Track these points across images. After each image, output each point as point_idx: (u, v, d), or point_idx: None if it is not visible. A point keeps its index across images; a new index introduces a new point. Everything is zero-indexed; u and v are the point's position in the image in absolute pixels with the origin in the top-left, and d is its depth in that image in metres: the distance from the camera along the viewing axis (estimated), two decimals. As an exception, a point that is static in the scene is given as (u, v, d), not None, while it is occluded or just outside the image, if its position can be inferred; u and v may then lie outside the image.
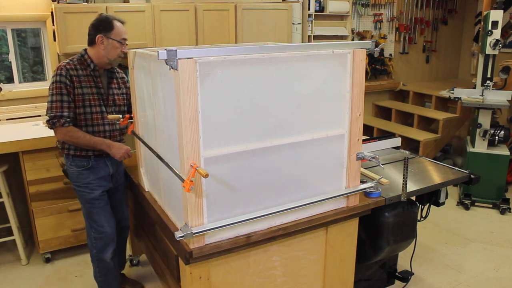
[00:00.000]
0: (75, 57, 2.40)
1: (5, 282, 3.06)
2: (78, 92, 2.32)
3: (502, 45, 3.90)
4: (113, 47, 2.36)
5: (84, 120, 2.37)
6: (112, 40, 2.35)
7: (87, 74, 2.37)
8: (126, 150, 2.42)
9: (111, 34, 2.34)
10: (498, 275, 3.11)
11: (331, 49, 1.94)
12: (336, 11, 5.00)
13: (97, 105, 2.40)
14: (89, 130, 2.39)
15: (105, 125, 2.45)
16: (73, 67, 2.33)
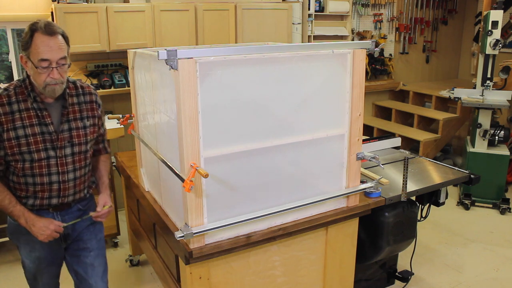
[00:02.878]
0: (15, 83, 1.81)
1: (5, 282, 3.06)
2: (8, 136, 1.74)
3: (502, 45, 3.90)
4: (34, 72, 1.72)
5: (22, 170, 1.80)
6: (30, 62, 1.71)
7: (27, 107, 1.77)
8: (53, 230, 1.84)
9: (29, 53, 1.70)
10: (498, 275, 3.11)
11: (331, 49, 1.94)
12: (336, 11, 5.00)
13: (41, 149, 1.79)
14: (29, 183, 1.83)
15: (52, 175, 1.84)
16: (4, 100, 1.75)
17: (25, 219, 1.82)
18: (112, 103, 3.89)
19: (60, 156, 1.83)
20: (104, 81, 3.65)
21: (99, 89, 3.65)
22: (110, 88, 3.67)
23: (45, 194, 1.86)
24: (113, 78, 3.70)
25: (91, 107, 1.95)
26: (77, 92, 1.91)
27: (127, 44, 3.48)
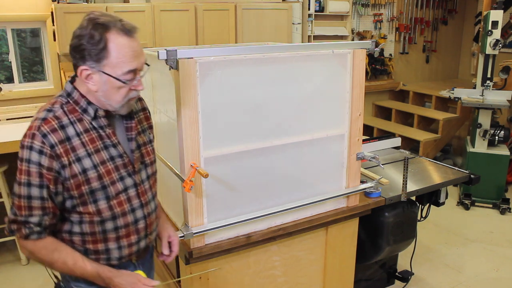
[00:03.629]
0: (58, 100, 1.31)
1: (5, 282, 3.06)
2: (72, 172, 1.27)
3: (502, 45, 3.90)
4: (111, 87, 1.28)
5: (97, 214, 1.33)
6: (107, 76, 1.25)
7: (86, 128, 1.31)
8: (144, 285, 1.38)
9: (105, 65, 1.24)
10: (498, 275, 3.11)
11: (331, 49, 1.93)
12: (336, 11, 5.00)
13: (117, 180, 1.35)
14: (109, 229, 1.36)
15: (136, 210, 1.41)
16: (54, 124, 1.26)
17: (104, 279, 1.35)
18: (112, 103, 3.89)
19: (138, 183, 1.42)
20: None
21: (99, 89, 3.64)
22: (110, 88, 3.67)
23: (132, 239, 1.41)
24: (113, 78, 3.69)
25: (145, 116, 1.53)
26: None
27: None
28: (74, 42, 1.27)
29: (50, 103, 1.31)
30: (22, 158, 1.26)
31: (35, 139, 1.23)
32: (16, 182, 1.29)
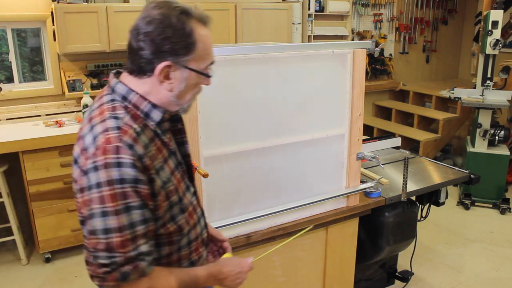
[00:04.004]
0: (117, 105, 1.09)
1: (5, 282, 3.06)
2: (157, 187, 1.08)
3: (502, 45, 3.90)
4: (191, 83, 1.12)
5: (178, 232, 1.18)
6: (189, 70, 1.10)
7: (151, 136, 1.11)
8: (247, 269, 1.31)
9: (191, 59, 1.09)
10: (498, 275, 3.11)
11: (331, 49, 1.93)
12: (336, 11, 5.00)
13: (185, 190, 1.22)
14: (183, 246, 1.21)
15: (200, 220, 1.29)
16: (134, 133, 1.05)
17: (215, 276, 1.23)
18: (112, 103, 3.88)
19: (196, 190, 1.31)
20: (104, 81, 3.65)
21: (99, 89, 3.65)
22: (110, 88, 3.67)
23: (200, 251, 1.28)
24: (113, 78, 3.69)
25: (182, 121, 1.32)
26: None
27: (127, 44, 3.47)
28: (154, 33, 1.04)
29: (109, 109, 1.07)
30: (108, 181, 0.98)
31: (121, 152, 1.00)
32: (101, 215, 0.99)
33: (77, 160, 1.05)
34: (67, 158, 3.15)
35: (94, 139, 1.02)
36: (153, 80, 1.09)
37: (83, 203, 1.02)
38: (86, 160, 1.01)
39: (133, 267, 1.02)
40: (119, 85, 1.11)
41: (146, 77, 1.09)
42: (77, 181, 1.04)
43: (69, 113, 3.65)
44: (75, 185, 1.06)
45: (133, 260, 1.02)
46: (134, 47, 1.07)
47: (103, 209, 0.99)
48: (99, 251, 0.99)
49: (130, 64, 1.10)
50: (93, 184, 0.99)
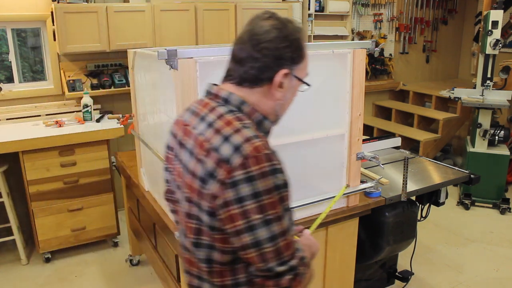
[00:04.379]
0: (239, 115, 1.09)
1: (5, 282, 3.06)
2: None
3: (502, 45, 3.90)
4: (294, 92, 1.17)
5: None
6: (297, 79, 1.14)
7: None
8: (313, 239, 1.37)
9: (300, 68, 1.14)
10: (498, 275, 3.11)
11: (331, 49, 1.93)
12: (336, 11, 5.00)
13: None
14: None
15: None
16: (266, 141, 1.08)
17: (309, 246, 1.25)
18: (112, 103, 3.89)
19: None
20: (104, 81, 3.65)
21: (99, 89, 3.65)
22: (110, 88, 3.67)
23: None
24: (113, 78, 3.70)
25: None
26: None
27: (127, 44, 3.48)
28: (275, 42, 1.07)
29: (236, 119, 1.05)
30: (268, 190, 0.98)
31: (273, 159, 1.02)
32: (265, 224, 0.97)
33: (213, 174, 0.99)
34: (67, 158, 3.15)
35: (236, 150, 0.98)
36: (264, 90, 1.10)
37: (231, 217, 0.97)
38: (231, 172, 0.96)
39: (303, 267, 1.04)
40: (232, 96, 1.10)
41: (258, 87, 1.09)
42: (218, 196, 0.98)
43: (69, 113, 3.65)
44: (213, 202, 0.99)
45: (299, 261, 1.03)
46: (254, 56, 1.07)
47: (265, 217, 0.97)
48: (270, 260, 0.98)
49: (242, 74, 1.09)
50: (248, 195, 0.96)
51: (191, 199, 1.05)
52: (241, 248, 0.99)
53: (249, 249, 0.98)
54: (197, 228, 1.06)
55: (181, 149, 1.12)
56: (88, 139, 3.18)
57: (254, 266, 1.01)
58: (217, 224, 1.02)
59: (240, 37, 1.11)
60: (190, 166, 1.05)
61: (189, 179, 1.05)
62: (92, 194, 3.30)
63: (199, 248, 1.07)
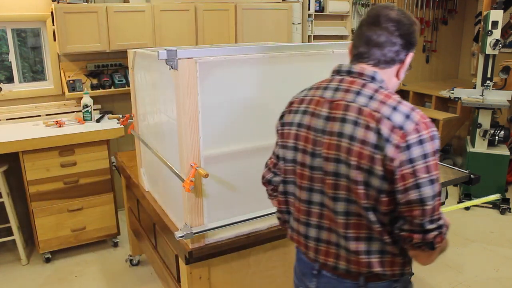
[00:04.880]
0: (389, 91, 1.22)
1: (5, 282, 3.06)
2: None
3: (502, 45, 3.90)
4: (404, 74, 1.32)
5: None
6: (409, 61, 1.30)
7: None
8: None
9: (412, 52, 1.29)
10: (498, 275, 3.11)
11: (331, 49, 1.94)
12: (336, 11, 5.00)
13: None
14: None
15: None
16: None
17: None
18: (112, 103, 3.89)
19: None
20: (104, 81, 3.65)
21: (99, 89, 3.65)
22: (110, 88, 3.67)
23: None
24: (113, 78, 3.70)
25: None
26: None
27: (127, 44, 3.48)
28: (406, 29, 1.23)
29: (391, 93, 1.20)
30: (433, 151, 1.12)
31: (433, 126, 1.16)
32: (430, 183, 1.11)
33: (389, 139, 1.10)
34: (67, 158, 3.15)
35: (407, 117, 1.12)
36: (393, 70, 1.26)
37: (403, 176, 1.10)
38: (405, 136, 1.10)
39: (446, 227, 1.22)
40: (377, 74, 1.24)
41: (388, 68, 1.25)
42: (394, 158, 1.10)
43: (69, 113, 3.65)
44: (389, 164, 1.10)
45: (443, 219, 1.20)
46: (392, 41, 1.22)
47: (430, 177, 1.11)
48: (426, 216, 1.12)
49: (379, 57, 1.24)
50: (418, 156, 1.10)
51: (359, 165, 1.14)
52: (406, 203, 1.12)
53: (413, 204, 1.11)
54: (347, 186, 1.17)
55: (333, 122, 1.20)
56: (88, 139, 3.18)
57: (407, 221, 1.14)
58: (385, 187, 1.13)
59: (372, 23, 1.24)
60: (358, 135, 1.14)
61: (357, 147, 1.13)
62: (92, 194, 3.30)
63: (338, 202, 1.19)
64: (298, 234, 1.34)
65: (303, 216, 1.30)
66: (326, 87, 1.28)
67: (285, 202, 1.38)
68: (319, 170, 1.23)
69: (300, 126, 1.29)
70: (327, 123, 1.22)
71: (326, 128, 1.21)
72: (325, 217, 1.26)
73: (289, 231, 1.40)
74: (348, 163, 1.16)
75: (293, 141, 1.30)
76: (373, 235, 1.19)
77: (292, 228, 1.37)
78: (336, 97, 1.23)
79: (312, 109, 1.28)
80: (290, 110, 1.36)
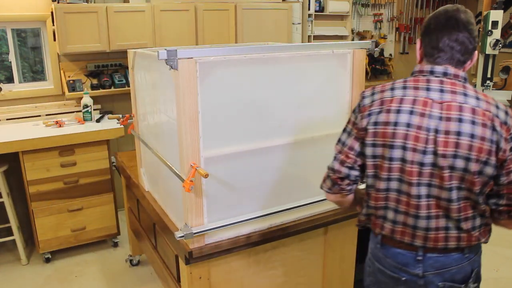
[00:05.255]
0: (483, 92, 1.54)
1: (5, 282, 3.06)
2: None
3: (502, 45, 3.90)
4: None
5: None
6: None
7: None
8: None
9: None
10: (498, 275, 3.11)
11: (331, 49, 1.94)
12: (336, 11, 5.00)
13: None
14: None
15: None
16: None
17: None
18: (112, 103, 3.89)
19: None
20: (104, 81, 3.65)
21: (99, 89, 3.65)
22: (110, 88, 3.67)
23: None
24: (113, 78, 3.70)
25: None
26: None
27: (127, 44, 3.48)
28: (475, 32, 1.40)
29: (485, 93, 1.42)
30: None
31: None
32: None
33: (501, 134, 1.34)
34: (67, 158, 3.15)
35: (507, 114, 1.37)
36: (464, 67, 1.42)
37: (510, 161, 1.35)
38: (509, 130, 1.35)
39: None
40: (465, 75, 1.42)
41: (462, 66, 1.42)
42: (505, 149, 1.34)
43: (69, 113, 3.65)
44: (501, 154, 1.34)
45: None
46: (471, 42, 1.39)
47: None
48: None
49: (459, 57, 1.40)
50: None
51: (478, 158, 1.32)
52: (508, 183, 1.38)
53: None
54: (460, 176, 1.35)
55: (448, 122, 1.33)
56: (88, 139, 3.18)
57: (506, 197, 1.41)
58: (494, 173, 1.36)
59: (452, 27, 1.37)
60: (477, 132, 1.32)
61: (478, 143, 1.32)
62: (92, 194, 3.30)
63: (452, 191, 1.36)
64: (405, 226, 1.44)
65: (413, 210, 1.41)
66: (428, 88, 1.39)
67: (384, 198, 1.46)
68: (429, 166, 1.36)
69: (409, 126, 1.36)
70: (440, 123, 1.34)
71: (440, 128, 1.34)
72: (432, 207, 1.40)
73: (388, 225, 1.47)
74: (468, 157, 1.32)
75: (401, 140, 1.37)
76: (477, 213, 1.42)
77: (395, 221, 1.45)
78: (445, 99, 1.36)
79: (420, 110, 1.36)
80: (389, 109, 1.40)
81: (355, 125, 1.48)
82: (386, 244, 1.50)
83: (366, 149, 1.45)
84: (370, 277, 1.60)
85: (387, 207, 1.46)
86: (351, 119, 1.52)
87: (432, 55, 1.41)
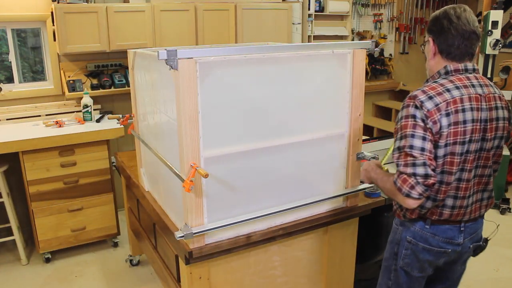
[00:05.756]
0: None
1: (5, 282, 3.06)
2: None
3: (502, 45, 3.90)
4: None
5: None
6: None
7: None
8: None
9: None
10: (498, 275, 3.11)
11: (331, 49, 1.93)
12: (336, 11, 5.00)
13: None
14: None
15: None
16: None
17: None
18: (112, 103, 3.89)
19: None
20: (104, 81, 3.65)
21: (99, 89, 3.65)
22: (110, 88, 3.67)
23: None
24: (113, 78, 3.70)
25: None
26: None
27: (127, 44, 3.48)
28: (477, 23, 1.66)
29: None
30: None
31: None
32: None
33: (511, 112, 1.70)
34: (67, 158, 3.15)
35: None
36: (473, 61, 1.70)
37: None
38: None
39: None
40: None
41: (472, 60, 1.71)
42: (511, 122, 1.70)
43: (69, 113, 3.65)
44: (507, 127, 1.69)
45: None
46: (478, 39, 1.67)
47: None
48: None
49: (472, 53, 1.69)
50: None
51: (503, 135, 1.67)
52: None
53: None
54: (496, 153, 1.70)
55: (491, 111, 1.63)
56: (88, 139, 3.18)
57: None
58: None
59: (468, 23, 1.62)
60: (505, 115, 1.67)
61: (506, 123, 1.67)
62: (92, 194, 3.30)
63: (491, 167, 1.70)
64: (460, 208, 1.67)
65: (467, 192, 1.65)
66: (472, 85, 1.62)
67: (456, 188, 1.64)
68: (480, 151, 1.63)
69: (473, 122, 1.58)
70: (487, 113, 1.61)
71: (488, 117, 1.61)
72: (475, 185, 1.67)
73: (447, 211, 1.67)
74: (502, 136, 1.66)
75: (469, 135, 1.59)
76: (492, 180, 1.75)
77: (453, 206, 1.66)
78: (486, 92, 1.63)
79: (476, 105, 1.59)
80: (456, 109, 1.56)
81: (427, 130, 1.55)
82: (434, 224, 1.69)
83: (438, 150, 1.58)
84: (406, 259, 1.79)
85: (448, 196, 1.65)
86: (417, 124, 1.56)
87: (450, 53, 1.64)
